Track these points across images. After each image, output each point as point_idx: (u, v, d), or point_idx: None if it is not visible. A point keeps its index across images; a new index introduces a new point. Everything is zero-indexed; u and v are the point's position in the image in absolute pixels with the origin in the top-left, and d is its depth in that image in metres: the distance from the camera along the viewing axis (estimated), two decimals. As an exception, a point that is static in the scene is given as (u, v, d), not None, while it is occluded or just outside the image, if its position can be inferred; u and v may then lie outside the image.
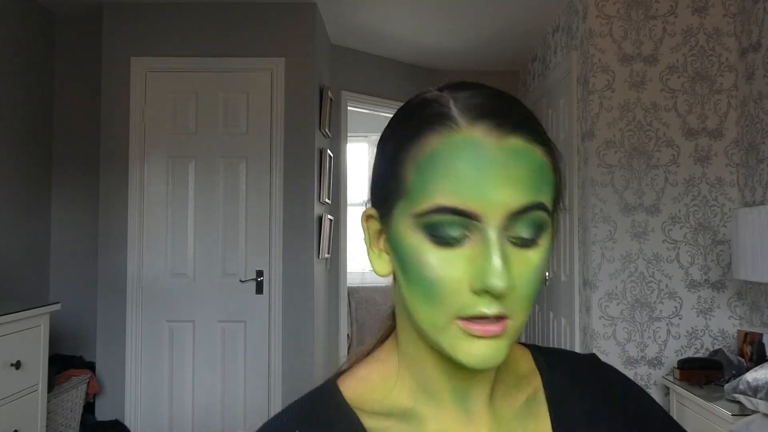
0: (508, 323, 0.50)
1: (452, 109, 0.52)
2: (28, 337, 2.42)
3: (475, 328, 0.49)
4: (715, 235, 2.80)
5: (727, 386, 2.17)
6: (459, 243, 0.50)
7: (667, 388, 2.67)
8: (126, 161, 3.35)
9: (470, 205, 0.49)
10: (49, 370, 2.60)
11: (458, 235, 0.49)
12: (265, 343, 3.34)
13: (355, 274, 5.29)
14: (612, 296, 2.80)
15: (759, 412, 1.98)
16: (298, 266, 3.36)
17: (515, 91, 4.49)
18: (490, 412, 0.58)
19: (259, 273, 3.35)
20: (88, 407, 3.24)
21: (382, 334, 0.64)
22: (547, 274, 3.54)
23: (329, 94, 3.70)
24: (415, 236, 0.51)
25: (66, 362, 3.28)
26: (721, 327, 2.78)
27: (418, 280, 0.51)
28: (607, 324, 2.79)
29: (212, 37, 3.40)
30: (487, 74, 4.52)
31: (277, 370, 3.31)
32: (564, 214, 3.14)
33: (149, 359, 3.33)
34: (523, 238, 0.50)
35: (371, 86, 4.28)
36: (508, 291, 0.48)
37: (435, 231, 0.50)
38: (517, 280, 0.49)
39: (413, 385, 0.58)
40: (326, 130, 3.68)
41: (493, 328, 0.49)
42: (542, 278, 0.52)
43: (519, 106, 0.53)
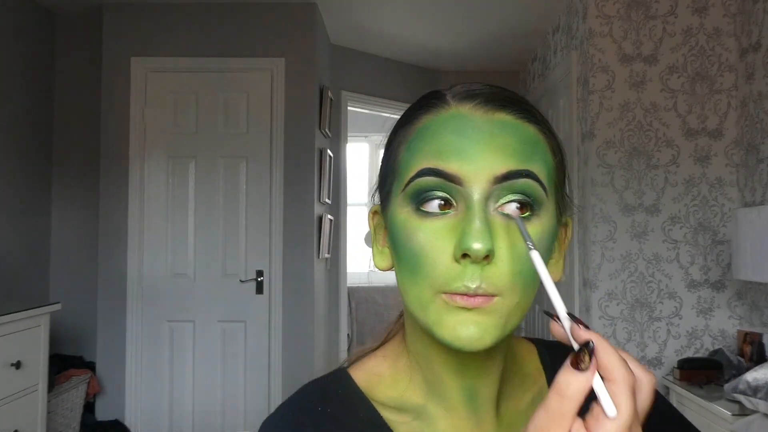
0: (496, 300, 0.48)
1: (446, 94, 0.53)
2: (28, 337, 2.42)
3: (458, 299, 0.48)
4: (715, 235, 2.80)
5: (727, 386, 2.17)
6: (444, 214, 0.49)
7: (667, 388, 2.67)
8: (126, 161, 3.35)
9: (453, 167, 0.48)
10: (50, 370, 2.60)
11: (442, 200, 0.49)
12: (265, 343, 3.34)
13: (355, 274, 5.29)
14: (612, 296, 2.80)
15: (759, 412, 1.98)
16: (298, 266, 3.36)
17: (515, 91, 4.47)
18: (498, 414, 0.58)
19: (259, 273, 3.35)
20: (88, 407, 3.24)
21: (390, 331, 0.64)
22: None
23: (329, 94, 3.70)
24: (404, 211, 0.51)
25: (66, 362, 3.28)
26: (721, 327, 2.78)
27: (405, 255, 0.51)
28: (607, 324, 2.79)
29: (212, 37, 3.40)
30: (488, 74, 4.52)
31: (277, 370, 3.32)
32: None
33: (149, 359, 3.33)
34: (516, 201, 0.49)
35: (371, 86, 4.29)
36: (488, 254, 0.46)
37: (419, 198, 0.50)
38: (503, 251, 0.48)
39: (423, 384, 0.58)
40: (326, 130, 3.68)
41: (478, 300, 0.47)
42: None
43: (514, 93, 0.54)
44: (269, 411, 3.46)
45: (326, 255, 3.72)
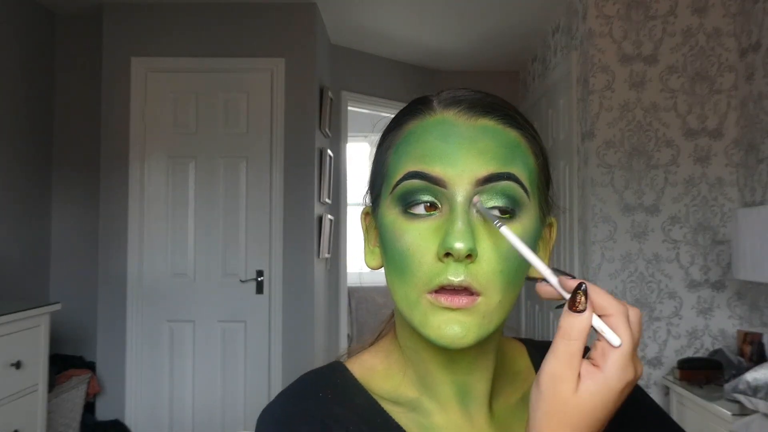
0: (479, 300, 0.50)
1: (433, 100, 0.56)
2: (28, 337, 2.43)
3: (443, 298, 0.50)
4: (715, 235, 2.80)
5: (726, 386, 2.17)
6: (429, 215, 0.51)
7: (667, 388, 2.67)
8: (126, 161, 3.35)
9: (437, 171, 0.51)
10: (50, 370, 2.60)
11: (427, 203, 0.51)
12: (265, 343, 3.34)
13: (355, 274, 5.29)
14: (612, 296, 2.80)
15: (759, 412, 1.98)
16: (298, 266, 3.36)
17: (515, 91, 4.48)
18: (489, 412, 0.59)
19: (260, 273, 3.35)
20: (89, 407, 3.24)
21: (383, 328, 0.66)
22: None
23: (329, 94, 3.70)
24: (392, 212, 0.53)
25: (66, 362, 3.28)
26: (720, 327, 2.78)
27: (392, 255, 0.53)
28: (607, 324, 2.79)
29: (212, 37, 3.40)
30: (487, 74, 4.52)
31: (277, 370, 3.31)
32: (564, 215, 3.14)
33: (149, 359, 3.33)
34: (497, 208, 0.51)
35: (371, 86, 4.29)
36: (470, 253, 0.48)
37: (406, 200, 0.52)
38: (485, 251, 0.50)
39: (416, 379, 0.59)
40: (326, 130, 3.68)
41: (461, 299, 0.49)
42: (523, 261, 0.50)
43: (498, 99, 0.56)
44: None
45: (326, 255, 3.72)
